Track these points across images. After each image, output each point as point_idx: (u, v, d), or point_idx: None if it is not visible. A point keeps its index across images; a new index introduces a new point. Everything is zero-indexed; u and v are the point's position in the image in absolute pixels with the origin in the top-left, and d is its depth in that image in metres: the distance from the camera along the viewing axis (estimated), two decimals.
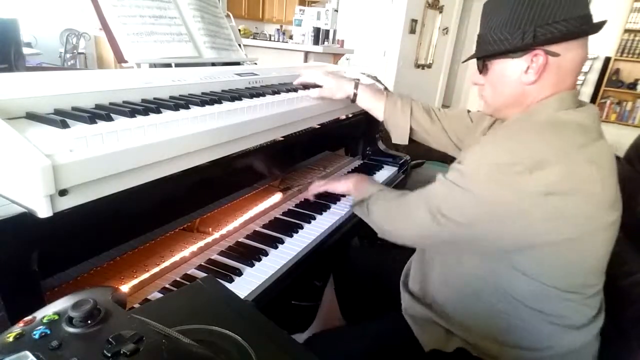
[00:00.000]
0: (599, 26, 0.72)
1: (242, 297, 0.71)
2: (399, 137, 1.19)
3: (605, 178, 0.67)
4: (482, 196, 0.69)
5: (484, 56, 0.78)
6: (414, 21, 4.89)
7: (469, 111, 1.12)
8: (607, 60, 4.83)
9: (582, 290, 0.72)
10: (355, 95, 1.15)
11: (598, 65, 4.90)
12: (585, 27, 0.70)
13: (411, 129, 1.15)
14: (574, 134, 0.68)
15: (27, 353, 0.26)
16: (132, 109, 0.66)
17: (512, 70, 0.75)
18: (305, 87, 1.12)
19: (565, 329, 0.72)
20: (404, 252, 1.04)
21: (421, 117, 1.15)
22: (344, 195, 1.20)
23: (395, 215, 0.85)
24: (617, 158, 0.79)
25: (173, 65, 1.04)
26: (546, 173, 0.63)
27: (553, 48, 0.70)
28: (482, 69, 0.81)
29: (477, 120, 1.06)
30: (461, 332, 0.78)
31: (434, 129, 1.15)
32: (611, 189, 0.69)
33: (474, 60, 0.83)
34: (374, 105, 1.18)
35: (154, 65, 1.00)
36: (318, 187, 1.09)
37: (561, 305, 0.72)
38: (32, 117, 0.59)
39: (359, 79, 1.38)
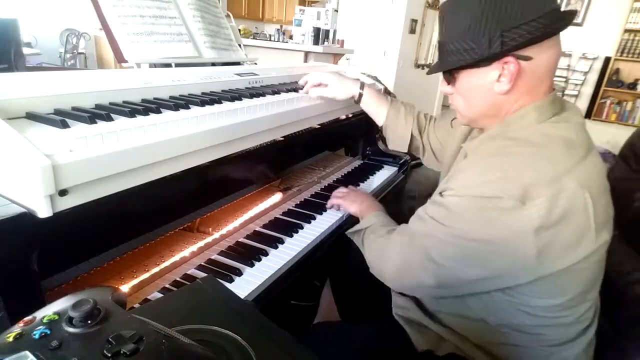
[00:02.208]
0: (570, 18, 0.65)
1: (242, 297, 0.71)
2: (398, 144, 1.17)
3: (597, 201, 0.62)
4: (467, 234, 0.64)
5: (449, 69, 0.72)
6: (414, 21, 4.89)
7: (454, 118, 1.06)
8: (607, 60, 4.83)
9: (576, 311, 0.69)
10: (360, 95, 1.13)
11: (598, 65, 4.90)
12: (556, 24, 0.64)
13: (412, 137, 1.13)
14: (561, 155, 0.63)
15: (27, 353, 0.26)
16: (132, 109, 0.66)
17: (482, 80, 0.69)
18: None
19: (558, 347, 0.71)
20: None
21: (423, 126, 1.13)
22: None
23: (383, 256, 0.81)
24: (613, 156, 0.78)
25: (173, 65, 1.04)
26: (537, 204, 0.59)
27: (524, 52, 0.64)
28: (449, 80, 0.75)
29: (457, 125, 1.00)
30: (454, 338, 0.77)
31: (425, 140, 1.13)
32: (602, 210, 0.65)
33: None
34: (376, 110, 1.15)
35: (154, 65, 1.00)
36: (337, 198, 1.09)
37: (554, 327, 0.69)
38: (32, 117, 0.59)
39: (363, 81, 1.38)
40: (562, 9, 0.66)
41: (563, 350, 0.71)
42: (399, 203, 1.63)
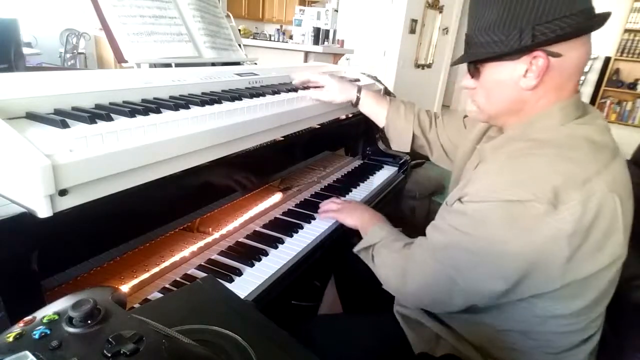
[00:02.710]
0: (604, 19, 0.64)
1: (242, 297, 0.71)
2: (400, 144, 1.14)
3: (624, 205, 0.60)
4: (497, 243, 0.60)
5: (476, 60, 0.70)
6: (414, 21, 4.89)
7: (465, 116, 1.05)
8: (607, 60, 4.84)
9: (587, 319, 0.67)
10: (358, 99, 1.11)
11: (598, 65, 4.91)
12: (589, 22, 0.62)
13: (413, 135, 1.10)
14: (587, 157, 0.60)
15: (27, 353, 0.26)
16: (132, 109, 0.66)
17: (508, 75, 0.67)
18: (305, 87, 1.11)
19: (562, 353, 0.70)
20: None
21: (425, 124, 1.10)
22: (343, 196, 1.20)
23: (402, 273, 0.76)
24: None
25: (173, 65, 1.04)
26: (569, 207, 0.56)
27: (554, 48, 0.62)
28: (474, 73, 0.72)
29: (471, 125, 0.98)
30: (451, 338, 0.76)
31: (432, 137, 1.10)
32: (629, 215, 0.63)
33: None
34: (376, 111, 1.13)
35: (154, 65, 1.00)
36: (329, 210, 1.03)
37: (563, 334, 0.68)
38: (32, 117, 0.59)
39: (359, 80, 1.37)
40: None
41: (566, 357, 0.69)
42: (399, 203, 1.63)
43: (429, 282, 0.71)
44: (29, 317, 0.29)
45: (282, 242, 0.93)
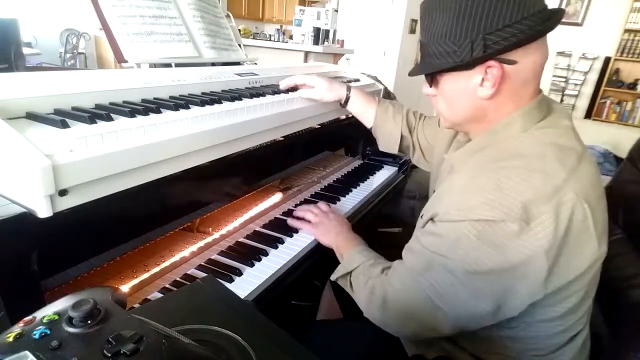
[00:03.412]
0: (557, 19, 0.61)
1: (242, 297, 0.71)
2: (388, 145, 1.13)
3: (595, 210, 0.60)
4: (473, 265, 0.59)
5: (431, 73, 0.69)
6: (414, 21, 4.89)
7: None
8: (607, 60, 4.83)
9: (571, 319, 0.67)
10: (347, 98, 1.09)
11: (598, 65, 4.90)
12: (541, 26, 0.59)
13: (401, 136, 1.09)
14: (554, 166, 0.59)
15: (27, 353, 0.26)
16: (132, 109, 0.66)
17: (465, 85, 0.65)
18: (294, 89, 1.08)
19: (549, 355, 0.70)
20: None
21: (412, 125, 1.09)
22: (343, 196, 1.20)
23: (382, 300, 0.72)
24: (619, 159, 0.76)
25: (173, 65, 1.04)
26: (541, 222, 0.56)
27: (508, 55, 0.60)
28: (431, 82, 0.71)
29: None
30: (443, 341, 0.76)
31: (414, 138, 1.09)
32: (601, 218, 0.62)
33: None
34: (364, 111, 1.11)
35: (154, 65, 1.00)
36: (307, 223, 0.97)
37: (549, 337, 0.68)
38: (32, 117, 0.59)
39: (359, 80, 1.37)
40: (557, 7, 0.63)
41: (555, 357, 0.69)
42: (399, 203, 1.63)
43: (410, 308, 0.68)
44: (29, 317, 0.29)
45: (282, 242, 0.93)
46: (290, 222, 0.99)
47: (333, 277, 0.86)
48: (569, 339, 0.69)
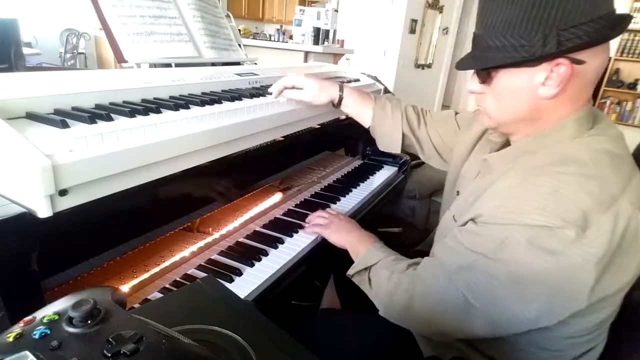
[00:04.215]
0: (627, 22, 0.59)
1: (242, 297, 0.71)
2: (389, 145, 1.06)
3: None
4: (523, 268, 0.57)
5: (492, 67, 0.63)
6: (414, 21, 4.89)
7: (456, 113, 1.01)
8: (607, 60, 4.83)
9: (599, 332, 0.66)
10: (340, 98, 1.01)
11: None
12: (613, 27, 0.57)
13: (402, 135, 1.03)
14: (610, 174, 0.58)
15: (27, 353, 0.26)
16: (132, 109, 0.66)
17: (525, 82, 0.61)
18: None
19: None
20: (407, 251, 1.04)
21: (414, 121, 1.03)
22: (343, 196, 1.20)
23: (408, 295, 0.69)
24: None
25: (173, 65, 1.04)
26: (598, 230, 0.54)
27: (578, 55, 0.57)
28: (485, 78, 0.66)
29: (466, 125, 0.93)
30: (461, 344, 0.74)
31: (422, 135, 1.03)
32: None
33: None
34: (360, 110, 1.04)
35: (154, 65, 1.00)
36: (317, 225, 0.96)
37: (578, 345, 0.66)
38: (32, 117, 0.59)
39: (359, 80, 1.36)
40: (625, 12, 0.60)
41: None
42: (399, 203, 1.63)
43: (441, 306, 0.65)
44: (29, 317, 0.29)
45: (282, 242, 0.93)
46: (307, 229, 0.97)
47: (350, 272, 0.84)
48: (589, 350, 0.68)
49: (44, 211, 0.49)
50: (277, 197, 1.13)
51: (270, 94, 0.97)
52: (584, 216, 0.54)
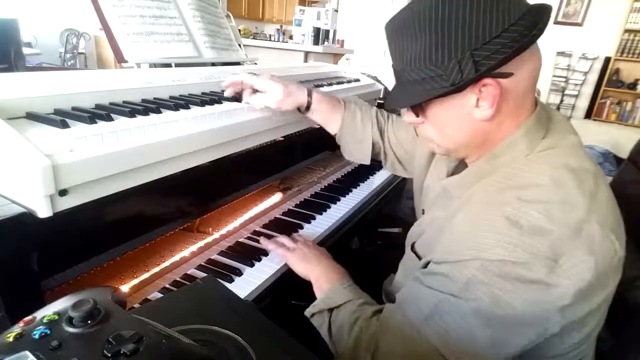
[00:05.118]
0: (547, 17, 0.53)
1: (242, 297, 0.71)
2: (357, 155, 0.97)
3: (620, 238, 0.54)
4: (498, 304, 0.52)
5: (414, 104, 0.61)
6: None
7: None
8: (607, 60, 4.83)
9: (587, 343, 0.62)
10: (309, 104, 0.90)
11: (598, 65, 4.90)
12: (534, 29, 0.52)
13: (372, 143, 0.95)
14: (574, 195, 0.52)
15: (27, 353, 0.26)
16: (132, 109, 0.66)
17: (458, 109, 0.57)
18: (235, 98, 0.88)
19: None
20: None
21: (383, 127, 0.96)
22: (343, 196, 1.20)
23: (372, 345, 0.62)
24: (619, 159, 0.74)
25: (173, 65, 1.04)
26: (570, 261, 0.50)
27: (503, 69, 0.53)
28: (417, 111, 0.62)
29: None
30: None
31: (385, 142, 0.96)
32: (623, 239, 0.56)
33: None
34: (329, 117, 0.94)
35: (154, 65, 1.00)
36: (281, 246, 0.87)
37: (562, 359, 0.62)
38: (32, 117, 0.59)
39: (359, 80, 1.36)
40: (557, 9, 0.56)
41: None
42: (399, 203, 1.63)
43: (409, 355, 0.59)
44: (29, 317, 0.29)
45: None
46: (263, 241, 0.88)
47: (308, 313, 0.74)
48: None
49: (44, 211, 0.49)
50: (277, 197, 1.13)
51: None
52: (552, 248, 0.50)
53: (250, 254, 0.85)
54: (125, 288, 0.73)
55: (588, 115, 5.09)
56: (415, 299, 0.60)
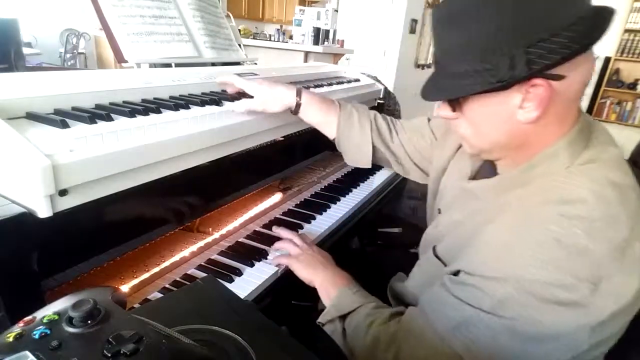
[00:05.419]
0: (609, 19, 0.50)
1: (242, 297, 0.71)
2: (358, 159, 0.92)
3: None
4: (531, 324, 0.51)
5: (455, 97, 0.57)
6: (414, 21, 4.89)
7: (429, 119, 0.91)
8: (607, 60, 4.84)
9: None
10: (298, 106, 0.87)
11: (598, 65, 4.91)
12: (594, 31, 0.49)
13: (373, 147, 0.91)
14: (618, 211, 0.50)
15: (27, 353, 0.26)
16: (132, 109, 0.66)
17: (500, 108, 0.54)
18: (234, 98, 0.88)
19: None
20: (406, 253, 1.04)
21: (384, 132, 0.91)
22: (343, 196, 1.20)
23: (394, 348, 0.61)
24: None
25: (173, 65, 1.04)
26: (613, 284, 0.48)
27: (555, 70, 0.50)
28: (454, 106, 0.59)
29: (442, 135, 0.85)
30: None
31: (396, 148, 0.92)
32: None
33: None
34: (323, 119, 0.90)
35: (154, 65, 1.00)
36: (285, 256, 0.85)
37: None
38: (32, 117, 0.59)
39: (359, 80, 1.35)
40: (602, 5, 0.51)
41: None
42: (399, 203, 1.63)
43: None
44: (29, 317, 0.29)
45: None
46: (271, 258, 0.86)
47: (322, 320, 0.73)
48: None
49: (44, 211, 0.49)
50: (277, 197, 1.13)
51: None
52: (594, 268, 0.48)
53: (250, 254, 0.85)
54: (125, 288, 0.73)
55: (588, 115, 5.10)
56: (441, 307, 0.59)
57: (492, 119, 0.56)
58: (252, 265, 0.82)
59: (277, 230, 0.93)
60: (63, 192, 0.51)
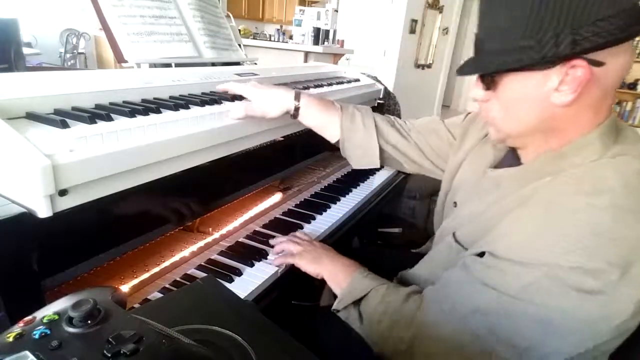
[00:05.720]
0: None
1: (242, 297, 0.71)
2: (367, 160, 0.91)
3: None
4: (557, 311, 0.51)
5: (496, 71, 0.57)
6: (414, 21, 4.90)
7: (441, 120, 0.92)
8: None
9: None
10: (297, 109, 0.85)
11: None
12: (637, 25, 0.49)
13: (380, 149, 0.89)
14: None
15: (27, 353, 0.26)
16: (132, 109, 0.66)
17: (536, 87, 0.54)
18: (234, 98, 0.88)
19: None
20: (406, 252, 1.04)
21: (389, 132, 0.90)
22: (343, 196, 1.20)
23: (412, 326, 0.62)
24: None
25: (173, 65, 1.04)
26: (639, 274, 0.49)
27: (596, 55, 0.50)
28: (489, 84, 0.59)
29: (461, 135, 0.85)
30: None
31: (407, 147, 0.91)
32: None
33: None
34: (324, 122, 0.89)
35: (154, 65, 1.00)
36: (288, 252, 0.85)
37: None
38: (32, 117, 0.59)
39: (359, 80, 1.35)
40: None
41: None
42: (399, 203, 1.63)
43: (451, 347, 0.58)
44: (29, 317, 0.29)
45: None
46: (274, 260, 0.84)
47: (337, 307, 0.74)
48: None
49: (44, 211, 0.49)
50: (277, 197, 1.13)
51: None
52: (626, 256, 0.49)
53: (250, 254, 0.85)
54: (125, 288, 0.73)
55: None
56: (463, 288, 0.59)
57: (526, 100, 0.56)
58: (252, 265, 0.82)
59: (274, 241, 0.90)
60: (63, 192, 0.51)
